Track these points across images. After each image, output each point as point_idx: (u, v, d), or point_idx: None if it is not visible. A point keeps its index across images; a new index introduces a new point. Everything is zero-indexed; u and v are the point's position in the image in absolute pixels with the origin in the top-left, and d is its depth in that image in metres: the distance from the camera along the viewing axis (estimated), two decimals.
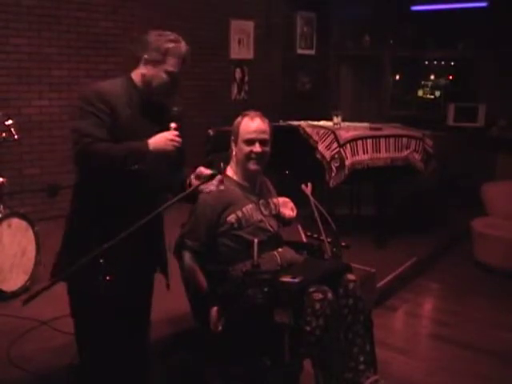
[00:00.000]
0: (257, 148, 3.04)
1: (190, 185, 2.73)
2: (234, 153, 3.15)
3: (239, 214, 3.03)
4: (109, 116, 2.54)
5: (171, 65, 2.62)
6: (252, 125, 3.07)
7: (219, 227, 3.02)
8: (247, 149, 3.06)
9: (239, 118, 3.14)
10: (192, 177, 2.75)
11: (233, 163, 3.17)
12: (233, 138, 3.15)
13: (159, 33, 2.65)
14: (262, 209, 3.15)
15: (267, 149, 3.10)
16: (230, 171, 3.16)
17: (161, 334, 3.28)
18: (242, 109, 3.28)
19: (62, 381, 2.96)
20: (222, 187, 2.79)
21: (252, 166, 3.07)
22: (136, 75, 2.69)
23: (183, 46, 2.65)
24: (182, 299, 3.10)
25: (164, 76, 2.62)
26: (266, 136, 3.08)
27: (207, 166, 2.76)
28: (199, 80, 7.27)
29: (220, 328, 2.81)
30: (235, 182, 3.12)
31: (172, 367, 3.28)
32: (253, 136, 3.05)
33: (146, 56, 2.63)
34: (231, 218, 3.01)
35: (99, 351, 2.66)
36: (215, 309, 2.83)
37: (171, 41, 2.62)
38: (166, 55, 2.60)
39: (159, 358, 3.18)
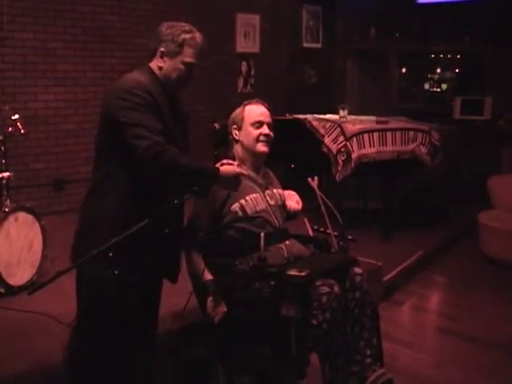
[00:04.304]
0: (266, 130, 3.11)
1: None
2: (237, 139, 3.17)
3: (243, 202, 3.03)
4: (156, 110, 2.50)
5: (189, 55, 2.60)
6: (258, 109, 3.17)
7: (223, 217, 3.03)
8: (256, 132, 3.10)
9: (240, 108, 3.20)
10: None
11: (235, 153, 3.18)
12: (235, 126, 3.17)
13: (173, 24, 2.61)
14: (268, 199, 3.15)
15: (272, 133, 3.16)
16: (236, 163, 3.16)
17: (166, 329, 3.27)
18: None
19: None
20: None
21: (262, 147, 3.11)
22: (155, 68, 2.63)
23: (198, 36, 2.63)
24: (187, 294, 3.10)
25: (182, 67, 2.60)
26: (270, 120, 3.18)
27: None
28: (205, 73, 7.23)
29: (217, 319, 2.83)
30: None
31: (177, 362, 3.29)
32: (261, 118, 3.13)
33: (162, 49, 2.58)
34: (235, 206, 3.02)
35: (100, 347, 2.62)
36: (210, 299, 2.85)
37: (186, 31, 2.59)
38: (182, 46, 2.57)
39: (165, 352, 3.19)
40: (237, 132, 3.17)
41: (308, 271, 2.73)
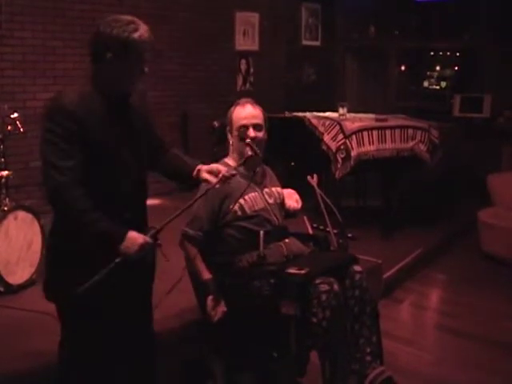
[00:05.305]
0: (251, 133, 3.04)
1: (198, 176, 2.59)
2: (230, 143, 3.17)
3: (241, 201, 3.04)
4: (79, 136, 2.31)
5: (137, 57, 2.31)
6: (243, 111, 3.10)
7: (223, 217, 3.03)
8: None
9: (232, 108, 3.16)
10: (204, 169, 2.60)
11: (232, 153, 3.18)
12: (228, 128, 3.17)
13: (113, 21, 2.29)
14: (267, 197, 3.15)
15: (261, 134, 3.10)
16: (230, 161, 3.16)
17: (167, 328, 3.27)
18: None
19: None
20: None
21: (249, 152, 3.04)
22: (97, 76, 2.38)
23: (144, 31, 2.31)
24: (187, 293, 3.10)
25: (129, 71, 2.34)
26: (258, 121, 3.09)
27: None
28: (204, 72, 7.25)
29: (216, 318, 2.83)
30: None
31: (177, 362, 3.28)
32: (245, 122, 3.07)
33: (108, 53, 2.29)
34: (234, 206, 3.02)
35: (91, 349, 2.52)
36: (211, 298, 2.86)
37: (131, 31, 2.27)
38: (127, 47, 2.28)
39: (165, 352, 3.18)
40: (229, 135, 3.16)
41: (308, 269, 2.73)
